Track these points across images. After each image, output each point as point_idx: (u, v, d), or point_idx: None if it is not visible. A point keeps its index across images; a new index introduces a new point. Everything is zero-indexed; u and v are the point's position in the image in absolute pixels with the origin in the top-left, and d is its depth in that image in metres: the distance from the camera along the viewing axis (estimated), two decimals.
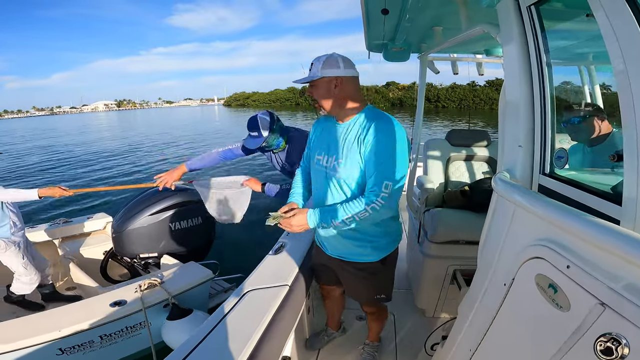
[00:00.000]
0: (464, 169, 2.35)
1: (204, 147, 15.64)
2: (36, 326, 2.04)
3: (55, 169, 11.69)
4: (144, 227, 2.93)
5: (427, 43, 2.19)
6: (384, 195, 1.21)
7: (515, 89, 0.99)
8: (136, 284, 2.36)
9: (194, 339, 1.19)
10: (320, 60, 1.28)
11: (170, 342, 2.34)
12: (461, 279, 1.95)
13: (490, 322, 0.97)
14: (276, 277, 1.61)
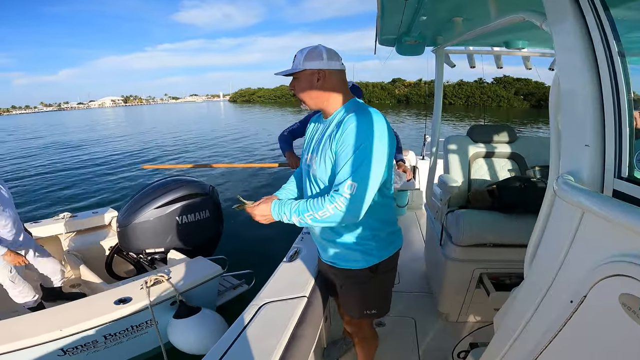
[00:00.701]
0: (488, 166, 2.21)
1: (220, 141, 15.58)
2: (36, 325, 1.95)
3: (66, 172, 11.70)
4: (150, 220, 2.83)
5: (444, 35, 2.07)
6: (346, 197, 1.08)
7: (577, 82, 0.84)
8: (142, 281, 2.25)
9: (213, 356, 1.14)
10: (303, 52, 1.20)
11: (176, 343, 2.22)
12: (489, 283, 1.84)
13: (547, 342, 0.84)
14: (293, 287, 1.55)
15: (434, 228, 2.30)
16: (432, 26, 1.83)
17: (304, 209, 1.16)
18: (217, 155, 12.19)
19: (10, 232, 2.44)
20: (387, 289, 1.42)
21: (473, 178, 2.17)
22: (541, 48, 2.22)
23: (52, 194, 7.85)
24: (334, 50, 1.23)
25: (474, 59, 2.42)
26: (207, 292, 2.56)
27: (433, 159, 2.43)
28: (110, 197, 7.46)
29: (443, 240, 2.03)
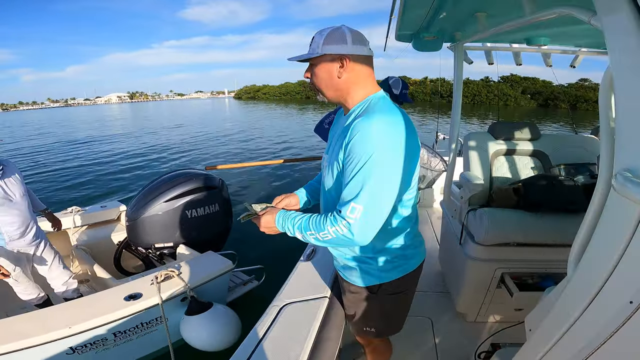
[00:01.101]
0: (510, 164, 2.15)
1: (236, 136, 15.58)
2: (44, 323, 1.89)
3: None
4: (159, 214, 2.78)
5: (464, 31, 2.02)
6: (349, 222, 0.92)
7: (634, 81, 0.78)
8: (152, 276, 2.19)
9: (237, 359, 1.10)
10: (322, 35, 0.99)
11: (189, 339, 2.18)
12: (512, 283, 1.79)
13: (598, 345, 0.78)
14: (312, 287, 1.53)
15: (452, 227, 2.26)
16: (453, 21, 1.78)
17: (306, 227, 1.01)
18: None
19: (18, 230, 2.29)
20: (390, 312, 1.25)
21: (494, 176, 2.11)
22: (563, 45, 2.17)
23: (61, 188, 7.87)
24: (360, 33, 1.02)
25: (492, 55, 2.36)
26: (218, 287, 2.51)
27: (452, 157, 2.37)
28: (120, 190, 7.47)
29: (463, 239, 1.98)
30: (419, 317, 2.21)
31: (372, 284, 1.17)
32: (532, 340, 1.04)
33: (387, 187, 0.92)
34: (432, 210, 4.18)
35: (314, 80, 1.05)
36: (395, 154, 0.92)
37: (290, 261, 3.49)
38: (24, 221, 2.32)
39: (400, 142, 0.93)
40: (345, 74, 1.00)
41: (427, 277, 2.69)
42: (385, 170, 0.91)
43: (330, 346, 1.25)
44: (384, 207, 0.94)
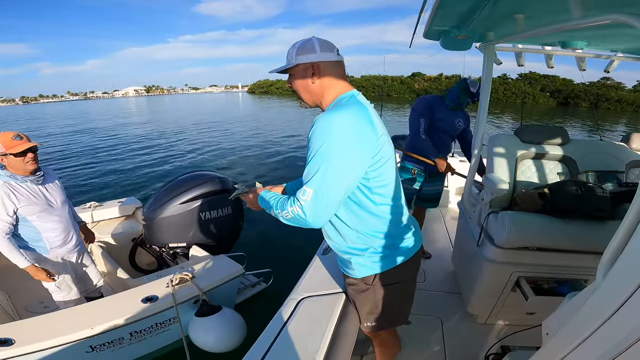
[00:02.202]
0: (536, 168, 2.09)
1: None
2: (69, 323, 1.95)
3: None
4: (174, 215, 2.82)
5: (497, 31, 1.97)
6: (301, 203, 1.01)
7: None
8: (167, 279, 2.24)
9: (256, 353, 1.12)
10: (295, 47, 1.13)
11: (196, 340, 2.22)
12: (527, 287, 1.81)
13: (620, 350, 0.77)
14: (329, 282, 1.53)
15: (469, 228, 2.24)
16: (488, 22, 1.72)
17: (275, 205, 1.11)
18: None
19: (59, 237, 2.24)
20: (388, 304, 1.28)
21: (519, 180, 2.06)
22: (598, 49, 2.09)
23: (81, 182, 8.07)
24: (329, 42, 1.14)
25: (523, 57, 2.30)
26: (228, 290, 2.54)
27: (475, 158, 2.32)
28: (136, 186, 7.61)
29: (481, 241, 1.96)
30: (429, 317, 2.21)
31: (366, 275, 1.23)
32: (550, 344, 1.02)
33: (335, 173, 0.99)
34: (447, 210, 4.13)
35: (294, 88, 1.18)
36: (344, 145, 0.98)
37: (298, 264, 3.50)
38: (66, 228, 2.27)
39: (351, 134, 0.99)
40: (317, 79, 1.12)
41: (438, 276, 2.70)
42: (334, 158, 0.98)
43: (348, 340, 1.26)
44: (333, 191, 1.01)
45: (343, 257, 1.27)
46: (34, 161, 2.05)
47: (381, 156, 1.07)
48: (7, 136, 1.97)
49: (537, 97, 44.46)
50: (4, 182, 1.99)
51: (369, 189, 1.10)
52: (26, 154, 2.00)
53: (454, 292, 2.46)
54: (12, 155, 1.97)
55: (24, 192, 2.05)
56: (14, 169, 2.03)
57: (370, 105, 1.13)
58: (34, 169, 2.08)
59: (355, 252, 1.21)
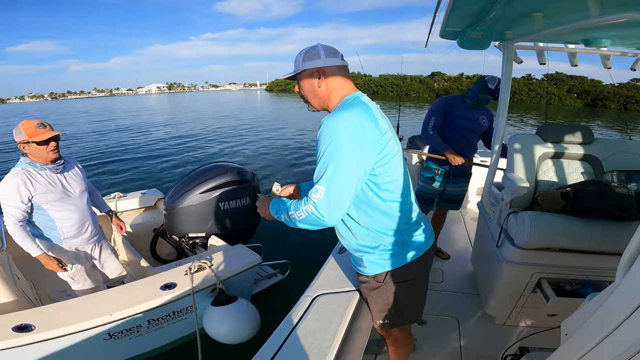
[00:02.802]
0: (557, 168, 2.04)
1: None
2: (87, 309, 1.98)
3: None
4: (194, 205, 2.88)
5: (516, 30, 1.94)
6: (314, 201, 1.05)
7: None
8: (186, 266, 2.28)
9: (269, 349, 1.14)
10: (301, 54, 1.20)
11: (210, 330, 2.24)
12: (548, 288, 1.80)
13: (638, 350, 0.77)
14: (345, 280, 1.55)
15: (489, 228, 2.21)
16: (506, 20, 1.70)
17: (288, 209, 1.14)
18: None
19: (72, 227, 2.22)
20: (400, 301, 1.30)
21: (540, 179, 2.02)
22: (624, 47, 2.03)
23: (108, 174, 8.38)
24: (333, 48, 1.21)
25: (544, 55, 2.24)
26: (245, 280, 2.57)
27: (494, 158, 2.28)
28: (158, 179, 7.84)
29: (501, 241, 1.95)
30: (445, 317, 2.20)
31: (377, 273, 1.26)
32: (568, 344, 1.02)
33: (344, 170, 1.03)
34: (466, 211, 4.09)
35: (302, 93, 1.25)
36: (350, 142, 1.03)
37: (315, 258, 3.51)
38: (81, 218, 2.25)
39: (356, 133, 1.04)
40: (323, 84, 1.18)
41: (456, 277, 2.69)
42: (341, 155, 1.02)
43: (360, 338, 1.28)
44: (344, 187, 1.04)
45: (355, 255, 1.31)
46: (55, 150, 2.06)
47: (386, 152, 1.10)
48: (30, 124, 1.98)
49: (564, 98, 42.91)
50: (22, 169, 1.99)
51: (377, 185, 1.13)
52: (49, 142, 2.01)
53: (472, 293, 2.45)
54: (34, 143, 1.97)
55: (41, 180, 2.04)
56: (34, 157, 2.03)
57: (375, 105, 1.18)
58: (55, 157, 2.08)
59: (366, 249, 1.24)
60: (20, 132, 1.96)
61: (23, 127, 1.97)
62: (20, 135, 1.96)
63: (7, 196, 1.96)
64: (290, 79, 1.25)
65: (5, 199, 1.97)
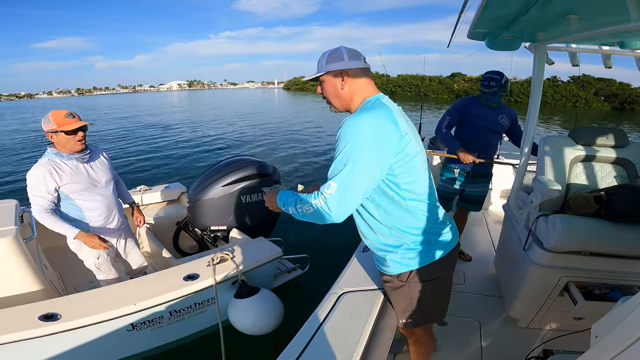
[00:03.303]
0: (590, 171, 2.00)
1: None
2: (112, 299, 2.01)
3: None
4: (216, 198, 2.92)
5: (549, 32, 1.90)
6: (325, 197, 1.07)
7: None
8: (208, 257, 2.31)
9: (297, 345, 1.16)
10: (325, 56, 1.22)
11: (235, 322, 2.27)
12: (577, 291, 1.77)
13: None
14: (369, 279, 1.56)
15: (515, 231, 2.18)
16: (539, 22, 1.67)
17: (296, 201, 1.16)
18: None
19: (100, 217, 2.24)
20: (424, 301, 1.30)
21: (571, 182, 1.98)
22: None
23: (135, 167, 8.66)
24: (356, 50, 1.23)
25: (577, 57, 2.20)
26: (265, 273, 2.60)
27: (523, 160, 2.26)
28: (183, 172, 8.04)
29: (528, 244, 1.92)
30: (467, 319, 2.19)
31: (400, 272, 1.26)
32: (598, 346, 1.01)
33: (358, 170, 1.05)
34: (488, 213, 4.04)
35: (324, 95, 1.27)
36: (367, 144, 1.05)
37: (335, 254, 3.53)
38: (108, 208, 2.26)
39: (374, 134, 1.05)
40: (346, 85, 1.20)
41: (478, 279, 2.67)
42: (357, 156, 1.04)
43: (387, 335, 1.29)
44: (355, 186, 1.06)
45: (378, 255, 1.32)
46: (82, 140, 2.07)
47: (407, 153, 1.11)
48: (60, 114, 2.00)
49: (591, 100, 41.35)
50: (48, 160, 2.00)
51: (397, 185, 1.14)
52: (77, 132, 2.02)
53: (494, 296, 2.43)
54: (62, 133, 1.98)
55: (67, 170, 2.05)
56: (61, 147, 2.04)
57: (396, 107, 1.19)
58: (82, 148, 2.09)
59: (389, 249, 1.25)
60: (49, 121, 1.98)
61: (52, 116, 1.99)
62: (49, 124, 1.98)
63: (34, 186, 1.98)
64: (313, 81, 1.27)
65: (32, 188, 1.99)
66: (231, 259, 2.33)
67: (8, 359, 1.83)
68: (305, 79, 1.30)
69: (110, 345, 2.10)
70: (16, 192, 6.77)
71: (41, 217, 2.02)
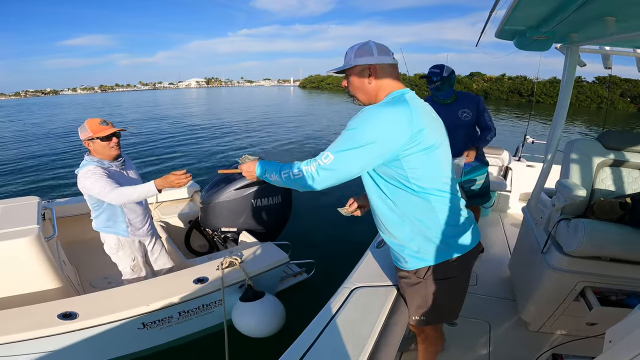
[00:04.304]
0: (617, 176, 1.96)
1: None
2: (127, 299, 2.08)
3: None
4: (228, 200, 2.98)
5: (582, 33, 1.85)
6: (319, 164, 1.11)
7: None
8: (218, 262, 2.37)
9: (309, 335, 1.17)
10: (353, 49, 1.22)
11: (238, 324, 2.32)
12: (593, 297, 1.75)
13: None
14: (382, 274, 1.57)
15: (534, 234, 2.16)
16: (573, 23, 1.63)
17: (282, 168, 1.20)
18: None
19: (138, 218, 2.33)
20: (439, 299, 1.29)
21: (597, 187, 1.95)
22: None
23: (150, 165, 8.87)
24: (385, 46, 1.22)
25: (610, 59, 2.16)
26: (271, 277, 2.64)
27: (547, 163, 2.23)
28: (194, 172, 8.18)
29: (547, 248, 1.90)
30: (477, 320, 2.18)
31: (417, 267, 1.26)
32: (612, 351, 1.00)
33: (357, 154, 1.08)
34: (505, 215, 3.99)
35: (349, 88, 1.27)
36: (375, 132, 1.07)
37: (342, 259, 3.51)
38: (143, 210, 2.38)
39: (383, 129, 1.07)
40: (374, 80, 1.20)
41: (491, 281, 2.64)
42: (361, 143, 1.07)
43: (397, 331, 1.29)
44: (349, 165, 1.10)
45: (396, 250, 1.31)
46: (117, 146, 2.16)
47: (420, 148, 1.11)
48: (94, 121, 2.09)
49: (616, 102, 39.77)
50: (95, 166, 2.07)
51: (407, 178, 1.15)
52: (111, 138, 2.11)
53: (507, 298, 2.42)
54: (98, 140, 2.08)
55: (114, 175, 2.14)
56: (98, 154, 2.13)
57: (419, 103, 1.17)
58: (117, 154, 2.18)
59: (408, 244, 1.24)
60: (86, 129, 2.07)
61: (88, 124, 2.08)
62: (86, 132, 2.08)
63: (96, 181, 2.00)
64: (339, 73, 1.27)
65: (94, 182, 2.00)
66: (239, 264, 2.38)
67: (29, 354, 1.94)
68: (330, 70, 1.30)
69: (120, 342, 2.18)
70: (39, 189, 7.03)
71: (116, 195, 2.00)
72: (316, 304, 1.50)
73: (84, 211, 3.16)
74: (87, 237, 3.11)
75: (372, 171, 1.20)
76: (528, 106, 37.09)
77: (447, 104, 2.57)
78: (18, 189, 7.24)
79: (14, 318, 1.89)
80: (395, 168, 1.14)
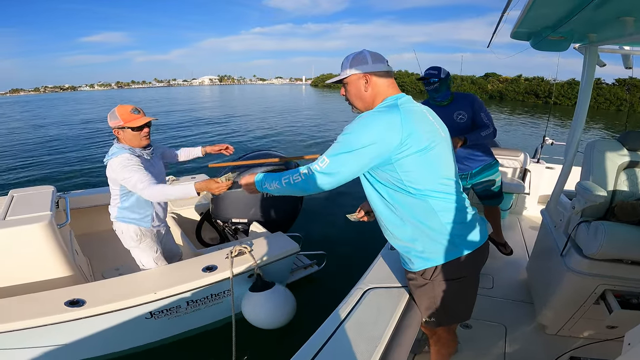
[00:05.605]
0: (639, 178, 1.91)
1: None
2: (135, 287, 2.07)
3: None
4: (239, 191, 2.95)
5: (601, 33, 1.81)
6: (316, 168, 1.17)
7: None
8: (227, 250, 2.35)
9: (321, 335, 1.17)
10: (348, 59, 1.27)
11: (247, 314, 2.31)
12: (613, 300, 1.73)
13: None
14: (396, 276, 1.57)
15: (553, 236, 2.13)
16: (592, 23, 1.59)
17: (283, 175, 1.28)
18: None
19: (161, 206, 2.30)
20: (448, 300, 1.29)
21: (618, 189, 1.91)
22: None
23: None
24: (379, 54, 1.27)
25: (631, 59, 2.11)
26: (281, 268, 2.63)
27: (566, 164, 2.19)
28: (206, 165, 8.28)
29: (566, 250, 1.88)
30: (493, 323, 2.16)
31: (424, 268, 1.26)
32: (630, 353, 0.98)
33: (351, 158, 1.13)
34: (523, 217, 3.94)
35: (347, 96, 1.31)
36: (364, 141, 1.11)
37: (352, 253, 3.50)
38: (166, 202, 2.37)
39: (374, 135, 1.11)
40: (370, 88, 1.25)
41: (508, 284, 2.61)
42: (354, 149, 1.12)
43: (410, 333, 1.28)
44: (344, 168, 1.15)
45: (402, 252, 1.32)
46: (148, 136, 2.08)
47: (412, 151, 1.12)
48: (125, 109, 1.99)
49: (636, 104, 38.62)
50: (129, 155, 1.99)
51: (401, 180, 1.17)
52: (142, 128, 2.03)
53: (523, 301, 2.40)
54: (129, 129, 1.99)
55: (145, 163, 2.07)
56: (128, 142, 2.04)
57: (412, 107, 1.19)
58: (147, 144, 2.11)
59: (412, 245, 1.25)
60: (116, 117, 1.98)
61: (119, 112, 1.99)
62: (116, 120, 1.99)
63: (135, 172, 1.94)
64: (337, 83, 1.31)
65: (133, 174, 1.93)
66: (249, 253, 2.36)
67: (35, 342, 1.93)
68: (329, 81, 1.36)
69: (128, 332, 2.17)
70: (53, 179, 7.21)
71: (154, 192, 1.93)
72: (327, 299, 1.49)
73: (99, 202, 3.23)
74: (101, 229, 3.19)
75: (370, 176, 1.23)
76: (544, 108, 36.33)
77: (443, 105, 2.56)
78: None
79: (21, 304, 1.88)
80: (389, 172, 1.16)
